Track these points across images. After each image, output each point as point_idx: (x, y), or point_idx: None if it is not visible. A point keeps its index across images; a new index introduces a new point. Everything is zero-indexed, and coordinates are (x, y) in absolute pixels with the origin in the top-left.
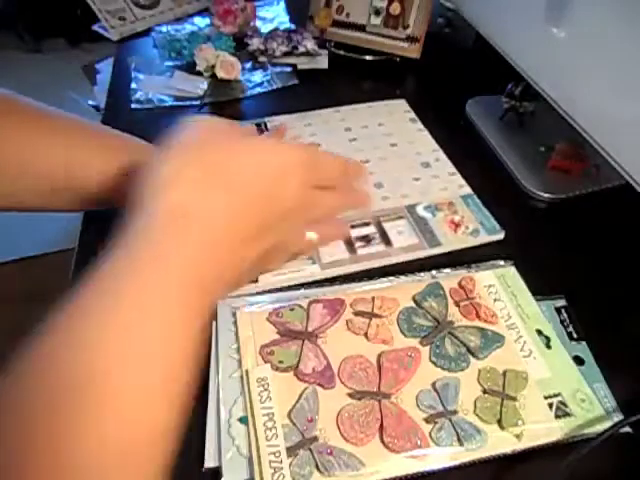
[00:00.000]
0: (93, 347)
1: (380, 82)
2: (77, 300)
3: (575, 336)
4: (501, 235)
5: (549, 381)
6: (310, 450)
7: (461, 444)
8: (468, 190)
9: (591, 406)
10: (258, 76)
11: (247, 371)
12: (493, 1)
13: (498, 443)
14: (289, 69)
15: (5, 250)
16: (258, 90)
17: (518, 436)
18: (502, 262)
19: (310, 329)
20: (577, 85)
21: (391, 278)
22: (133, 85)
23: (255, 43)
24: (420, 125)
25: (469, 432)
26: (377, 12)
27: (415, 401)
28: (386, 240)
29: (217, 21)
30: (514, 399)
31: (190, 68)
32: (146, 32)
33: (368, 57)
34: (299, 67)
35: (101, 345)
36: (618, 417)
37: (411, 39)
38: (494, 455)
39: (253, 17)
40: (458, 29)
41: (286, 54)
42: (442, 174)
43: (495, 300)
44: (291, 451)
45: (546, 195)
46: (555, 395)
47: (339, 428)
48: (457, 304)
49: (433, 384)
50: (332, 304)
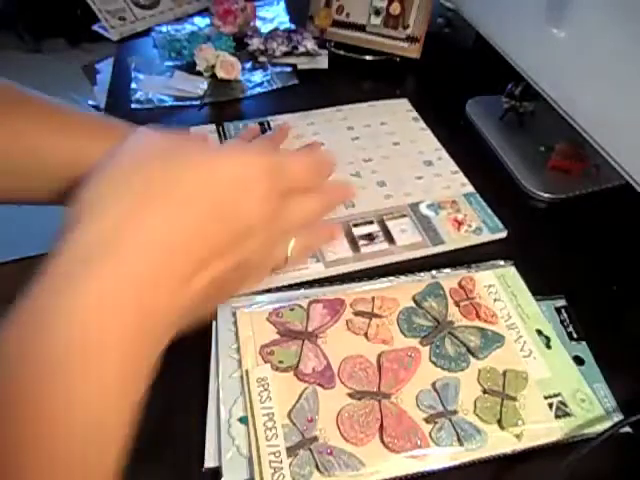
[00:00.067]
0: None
1: (380, 82)
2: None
3: (575, 336)
4: (504, 233)
5: (549, 381)
6: (310, 450)
7: (461, 444)
8: (471, 189)
9: (591, 406)
10: (258, 76)
11: (247, 371)
12: (493, 1)
13: (498, 443)
14: (289, 69)
15: (5, 250)
16: (258, 90)
17: (518, 436)
18: (502, 262)
19: (310, 329)
20: (577, 85)
21: (391, 278)
22: (133, 85)
23: (255, 43)
24: (422, 124)
25: (469, 432)
26: (377, 12)
27: (415, 401)
28: (389, 238)
29: (217, 21)
30: (514, 399)
31: (190, 68)
32: (146, 32)
33: (368, 57)
34: (299, 67)
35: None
36: (618, 417)
37: (411, 39)
38: (494, 455)
39: (253, 17)
40: (458, 29)
41: (286, 54)
42: (445, 173)
43: (495, 300)
44: (291, 451)
45: (546, 195)
46: (555, 395)
47: (339, 428)
48: (457, 304)
49: (433, 384)
50: (332, 304)
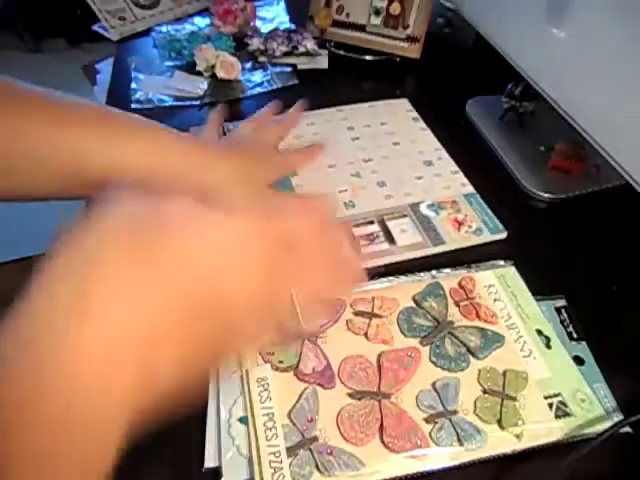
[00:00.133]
0: None
1: (380, 82)
2: None
3: (575, 336)
4: (504, 234)
5: (549, 381)
6: (310, 450)
7: (461, 444)
8: (471, 189)
9: (591, 406)
10: (258, 76)
11: (247, 371)
12: (493, 1)
13: (498, 443)
14: (289, 69)
15: (5, 250)
16: (258, 90)
17: (518, 436)
18: (502, 262)
19: None
20: (577, 85)
21: (391, 278)
22: (133, 85)
23: (255, 43)
24: (422, 124)
25: (469, 432)
26: (377, 12)
27: (415, 401)
28: (390, 238)
29: (217, 21)
30: (514, 399)
31: (190, 68)
32: (146, 32)
33: (368, 57)
34: (299, 67)
35: None
36: (618, 417)
37: (411, 39)
38: (494, 455)
39: (253, 17)
40: (458, 29)
41: (286, 54)
42: (445, 173)
43: (495, 300)
44: (291, 451)
45: (546, 195)
46: (555, 395)
47: (339, 428)
48: (457, 304)
49: (433, 384)
50: (332, 304)
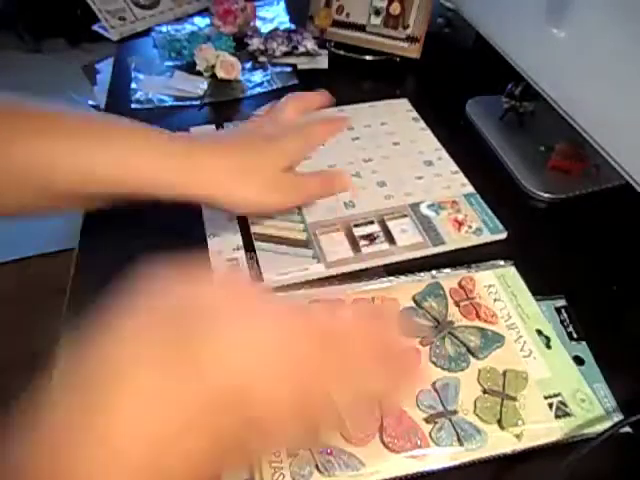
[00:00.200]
0: None
1: (380, 82)
2: None
3: (575, 336)
4: (504, 234)
5: (549, 381)
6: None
7: (461, 444)
8: (471, 189)
9: (591, 406)
10: (258, 76)
11: None
12: (493, 1)
13: (498, 443)
14: (289, 69)
15: (5, 250)
16: (258, 90)
17: (518, 436)
18: (502, 262)
19: None
20: (577, 85)
21: (391, 278)
22: (133, 85)
23: (255, 43)
24: (422, 124)
25: (469, 432)
26: (377, 12)
27: (415, 401)
28: (390, 238)
29: (217, 21)
30: (514, 399)
31: (190, 68)
32: (146, 32)
33: (368, 57)
34: (299, 67)
35: None
36: (618, 417)
37: (411, 39)
38: (494, 455)
39: (253, 17)
40: (458, 29)
41: (286, 54)
42: (445, 173)
43: (495, 300)
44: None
45: (546, 195)
46: (555, 395)
47: None
48: (457, 304)
49: (433, 384)
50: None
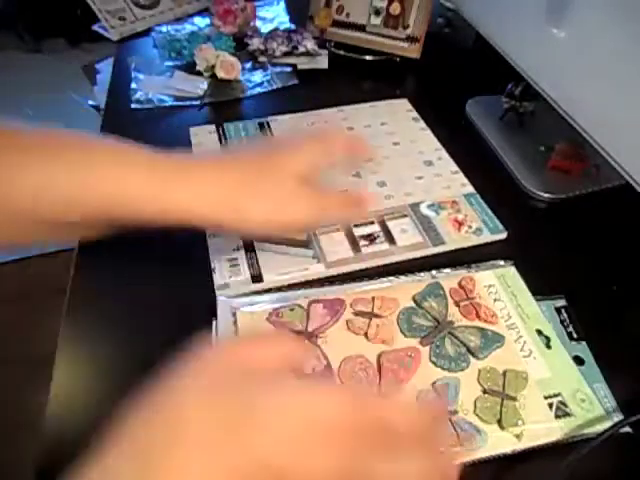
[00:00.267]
0: None
1: (380, 82)
2: None
3: (575, 336)
4: (504, 234)
5: (549, 381)
6: None
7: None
8: (471, 189)
9: (591, 406)
10: (258, 76)
11: None
12: (493, 1)
13: (498, 443)
14: (289, 69)
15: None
16: (258, 90)
17: (518, 436)
18: (502, 262)
19: (310, 329)
20: (577, 85)
21: (391, 278)
22: (133, 85)
23: (255, 43)
24: (422, 124)
25: (469, 432)
26: (377, 12)
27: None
28: (390, 238)
29: (217, 21)
30: (514, 399)
31: (190, 68)
32: (146, 32)
33: (368, 57)
34: (299, 67)
35: None
36: (618, 417)
37: (411, 39)
38: (494, 455)
39: (253, 17)
40: (458, 29)
41: (286, 54)
42: (445, 173)
43: (495, 300)
44: None
45: (546, 195)
46: (555, 395)
47: None
48: (457, 304)
49: (433, 384)
50: (332, 304)
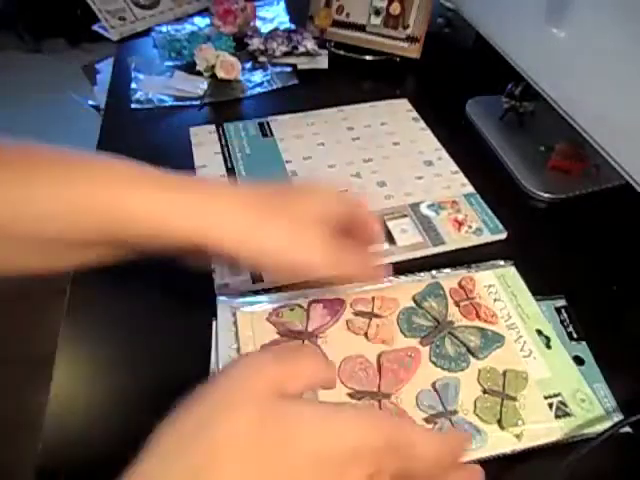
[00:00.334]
0: None
1: (380, 82)
2: None
3: (575, 336)
4: (504, 235)
5: (549, 381)
6: None
7: None
8: (471, 189)
9: (591, 406)
10: (258, 76)
11: None
12: (493, 1)
13: (498, 443)
14: (289, 69)
15: None
16: (258, 90)
17: (518, 436)
18: (502, 262)
19: (310, 329)
20: (577, 85)
21: (391, 278)
22: (133, 85)
23: (255, 43)
24: (422, 124)
25: (469, 432)
26: (377, 12)
27: (415, 401)
28: (390, 238)
29: (217, 21)
30: (514, 399)
31: (190, 68)
32: (146, 32)
33: (368, 57)
34: (299, 67)
35: None
36: (618, 417)
37: (411, 39)
38: (494, 455)
39: (253, 17)
40: (458, 29)
41: (286, 54)
42: (445, 173)
43: (495, 300)
44: None
45: (546, 195)
46: (555, 395)
47: None
48: (457, 304)
49: (433, 384)
50: (332, 304)
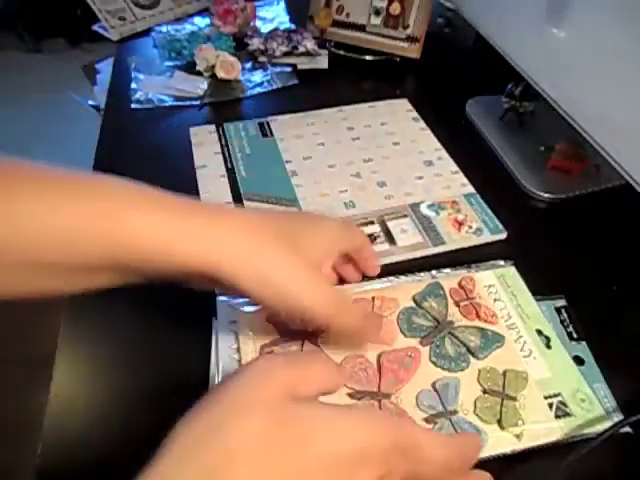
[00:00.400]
0: None
1: (380, 82)
2: None
3: (575, 336)
4: (504, 235)
5: (549, 381)
6: None
7: None
8: (471, 189)
9: (591, 406)
10: (258, 76)
11: None
12: (493, 1)
13: (498, 443)
14: (289, 69)
15: None
16: (258, 90)
17: (518, 436)
18: (502, 262)
19: (310, 329)
20: (577, 85)
21: (391, 278)
22: (133, 85)
23: (255, 43)
24: (422, 124)
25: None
26: (377, 12)
27: (415, 401)
28: (390, 239)
29: (217, 21)
30: (514, 399)
31: (190, 68)
32: (146, 32)
33: (368, 57)
34: (299, 67)
35: None
36: (618, 417)
37: (411, 39)
38: (494, 455)
39: (253, 17)
40: (458, 29)
41: (286, 54)
42: (445, 173)
43: (495, 300)
44: None
45: (546, 195)
46: (555, 395)
47: None
48: (457, 304)
49: (433, 384)
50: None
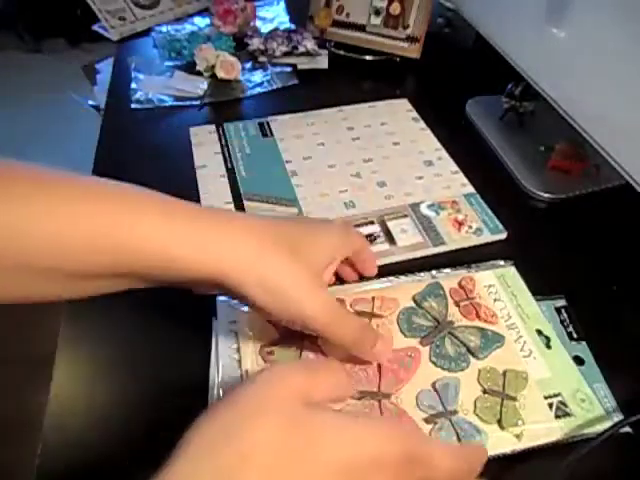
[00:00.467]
0: None
1: (380, 82)
2: None
3: (575, 336)
4: (504, 235)
5: (549, 381)
6: None
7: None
8: (471, 189)
9: (591, 406)
10: (258, 76)
11: (247, 371)
12: (493, 1)
13: (498, 443)
14: (289, 69)
15: None
16: (258, 90)
17: (518, 436)
18: (502, 262)
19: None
20: (577, 85)
21: (391, 278)
22: (133, 85)
23: (255, 43)
24: (422, 124)
25: (469, 432)
26: (377, 12)
27: (415, 401)
28: (390, 239)
29: (217, 21)
30: (514, 399)
31: (190, 68)
32: (146, 32)
33: (368, 57)
34: (299, 67)
35: None
36: (618, 417)
37: (411, 39)
38: (494, 455)
39: (253, 17)
40: (458, 29)
41: (286, 54)
42: (445, 173)
43: (495, 300)
44: None
45: (546, 195)
46: (555, 395)
47: None
48: (457, 304)
49: (433, 384)
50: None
